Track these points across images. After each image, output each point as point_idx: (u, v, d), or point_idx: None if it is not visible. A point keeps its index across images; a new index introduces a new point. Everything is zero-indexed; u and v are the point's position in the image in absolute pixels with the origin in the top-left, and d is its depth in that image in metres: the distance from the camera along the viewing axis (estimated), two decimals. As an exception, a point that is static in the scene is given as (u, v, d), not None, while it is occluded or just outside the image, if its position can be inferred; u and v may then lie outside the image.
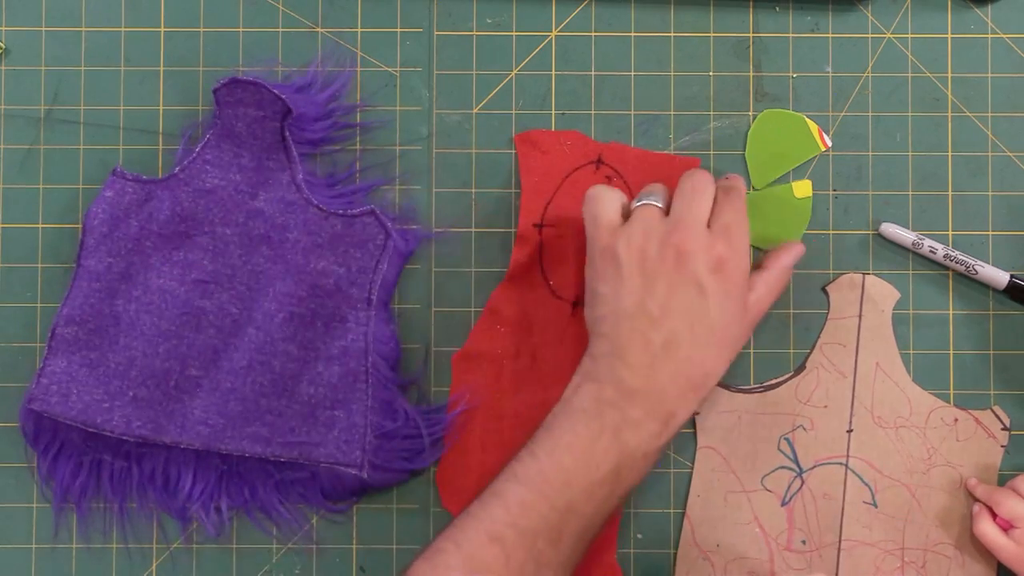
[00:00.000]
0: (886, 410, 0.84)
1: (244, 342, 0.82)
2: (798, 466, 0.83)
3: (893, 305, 0.84)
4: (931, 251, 0.83)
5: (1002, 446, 0.84)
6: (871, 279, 0.84)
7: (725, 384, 0.84)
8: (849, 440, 0.83)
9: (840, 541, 0.83)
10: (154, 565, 0.84)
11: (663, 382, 0.75)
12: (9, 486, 0.84)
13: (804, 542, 0.83)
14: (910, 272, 0.85)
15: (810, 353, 0.84)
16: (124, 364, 0.82)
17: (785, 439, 0.84)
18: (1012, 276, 0.83)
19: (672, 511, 0.84)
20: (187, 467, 0.83)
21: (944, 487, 0.84)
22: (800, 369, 0.84)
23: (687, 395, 0.75)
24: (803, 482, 0.84)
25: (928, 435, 0.84)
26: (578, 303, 0.84)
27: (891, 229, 0.83)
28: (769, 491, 0.83)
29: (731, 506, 0.83)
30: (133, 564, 0.84)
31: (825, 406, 0.84)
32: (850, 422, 0.84)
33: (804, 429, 0.84)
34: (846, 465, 0.84)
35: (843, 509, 0.83)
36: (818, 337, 0.84)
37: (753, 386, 0.84)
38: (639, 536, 0.84)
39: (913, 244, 0.83)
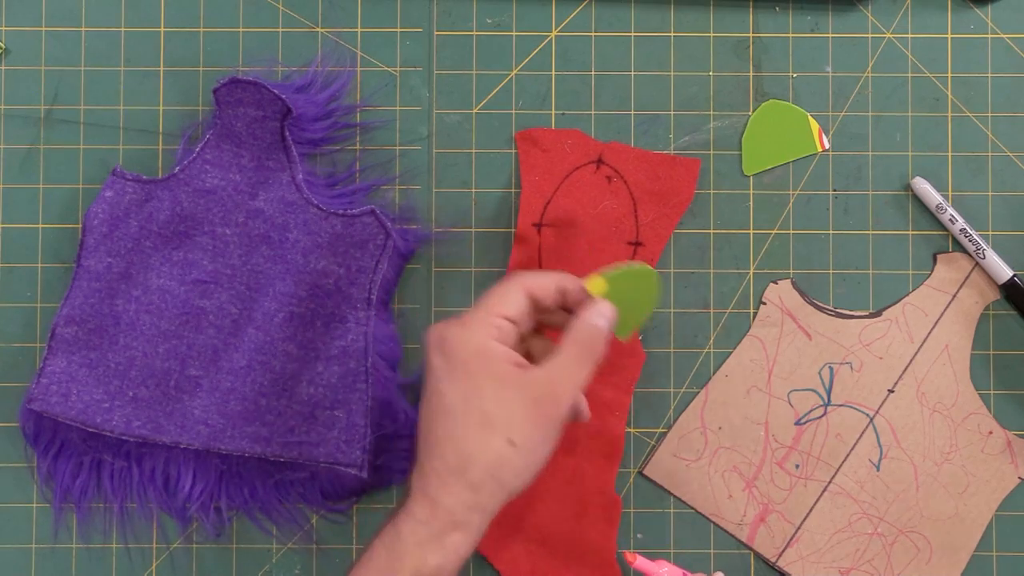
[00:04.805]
0: (932, 390, 0.84)
1: (244, 342, 0.82)
2: (828, 397, 0.84)
3: (988, 304, 0.84)
4: (951, 220, 0.83)
5: (1020, 477, 0.84)
6: (980, 271, 0.84)
7: (803, 292, 0.84)
8: (886, 399, 0.84)
9: (829, 483, 0.84)
10: (154, 565, 0.84)
11: (425, 468, 0.72)
12: (9, 486, 0.84)
13: (797, 467, 0.84)
14: (910, 272, 0.85)
15: (892, 305, 0.84)
16: (124, 364, 0.82)
17: (829, 367, 0.84)
18: (1014, 275, 0.83)
19: (672, 511, 0.84)
20: (187, 467, 0.83)
21: (948, 485, 0.84)
22: (876, 314, 0.84)
23: (446, 480, 0.71)
24: (825, 413, 0.84)
25: (958, 433, 0.84)
26: (578, 303, 0.84)
27: (922, 185, 0.84)
28: (791, 405, 0.84)
29: (750, 400, 0.84)
30: (133, 564, 0.84)
31: (880, 357, 0.84)
32: (895, 384, 0.84)
33: (851, 367, 0.84)
34: (871, 419, 0.84)
35: (847, 456, 0.84)
36: (907, 295, 0.84)
37: (826, 306, 0.84)
38: (639, 536, 0.84)
39: (937, 207, 0.83)
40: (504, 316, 0.73)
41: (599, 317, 0.74)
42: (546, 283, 0.75)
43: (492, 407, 0.71)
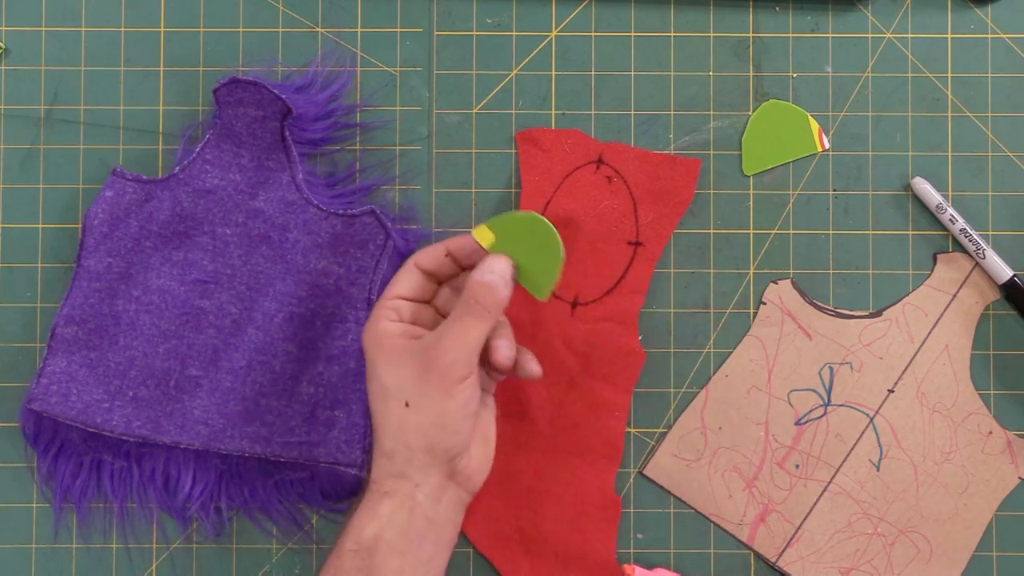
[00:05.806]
0: (932, 390, 0.84)
1: (244, 342, 0.82)
2: (828, 397, 0.84)
3: (988, 304, 0.84)
4: (951, 220, 0.83)
5: (1020, 477, 0.84)
6: (980, 271, 0.84)
7: (803, 292, 0.84)
8: (886, 399, 0.84)
9: (829, 483, 0.84)
10: (154, 565, 0.84)
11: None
12: (9, 486, 0.84)
13: (798, 466, 0.84)
14: (910, 272, 0.85)
15: (892, 305, 0.84)
16: (124, 364, 0.82)
17: (829, 367, 0.84)
18: (1014, 275, 0.83)
19: (672, 511, 0.84)
20: (187, 467, 0.83)
21: (948, 485, 0.84)
22: (876, 314, 0.84)
23: (373, 455, 0.78)
24: (825, 413, 0.84)
25: (958, 433, 0.84)
26: (577, 303, 0.84)
27: (921, 185, 0.84)
28: (791, 405, 0.84)
29: (750, 400, 0.84)
30: (133, 564, 0.84)
31: (881, 358, 0.84)
32: (895, 384, 0.84)
33: (851, 367, 0.84)
34: (871, 419, 0.84)
35: (847, 456, 0.84)
36: (907, 295, 0.84)
37: (826, 306, 0.84)
38: (639, 536, 0.84)
39: (937, 207, 0.83)
40: (397, 296, 0.78)
41: (486, 272, 0.76)
42: (433, 251, 0.79)
43: (387, 379, 0.76)
